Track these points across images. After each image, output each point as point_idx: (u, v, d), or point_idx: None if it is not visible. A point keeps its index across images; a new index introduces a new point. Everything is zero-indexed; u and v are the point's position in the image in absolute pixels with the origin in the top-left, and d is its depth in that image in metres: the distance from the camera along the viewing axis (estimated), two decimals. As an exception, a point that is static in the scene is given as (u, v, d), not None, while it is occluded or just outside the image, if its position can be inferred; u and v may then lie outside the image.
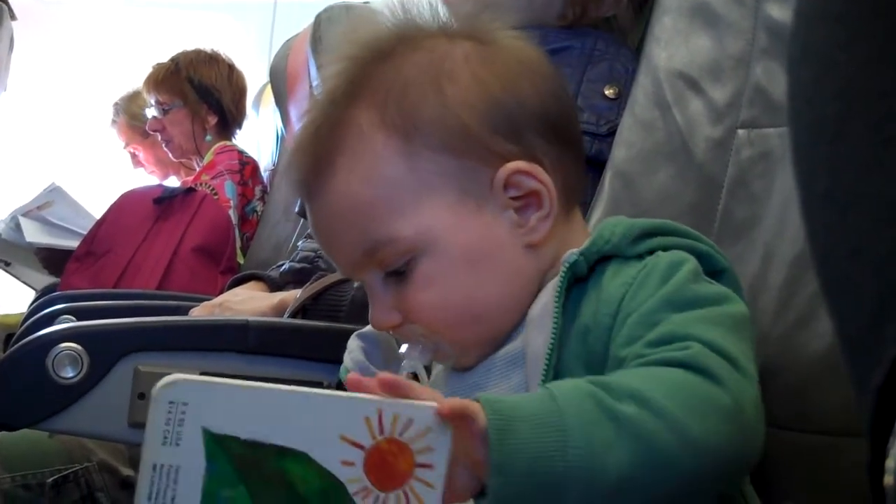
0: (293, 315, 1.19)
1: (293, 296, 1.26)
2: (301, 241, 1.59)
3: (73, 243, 2.24)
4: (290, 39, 2.29)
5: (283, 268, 1.48)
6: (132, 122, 2.80)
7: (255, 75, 2.73)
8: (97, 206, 2.34)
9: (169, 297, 1.79)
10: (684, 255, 0.61)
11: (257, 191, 2.39)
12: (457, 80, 0.65)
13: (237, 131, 2.52)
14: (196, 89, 2.44)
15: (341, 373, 0.71)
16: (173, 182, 2.65)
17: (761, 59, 0.83)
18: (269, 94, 2.48)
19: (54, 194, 2.48)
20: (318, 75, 1.69)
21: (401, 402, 0.48)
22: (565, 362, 0.60)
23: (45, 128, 3.84)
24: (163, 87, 2.44)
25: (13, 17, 2.24)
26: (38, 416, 0.88)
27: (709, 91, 0.87)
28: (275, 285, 1.45)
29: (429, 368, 0.68)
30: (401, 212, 0.63)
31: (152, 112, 2.48)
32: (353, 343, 0.72)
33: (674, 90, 0.91)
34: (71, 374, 0.87)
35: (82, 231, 2.26)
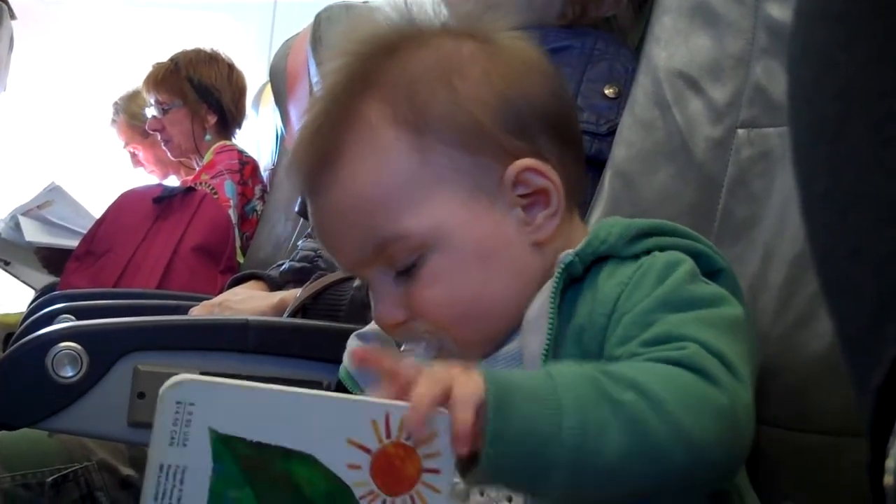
0: (293, 314, 1.18)
1: (293, 295, 1.26)
2: (301, 241, 1.59)
3: (72, 243, 2.24)
4: (289, 39, 2.30)
5: (282, 267, 1.48)
6: (132, 121, 2.80)
7: (255, 75, 2.73)
8: (97, 206, 2.34)
9: (168, 296, 1.79)
10: (681, 256, 0.61)
11: (257, 190, 2.39)
12: (467, 77, 0.64)
13: (237, 131, 2.52)
14: (196, 89, 2.43)
15: (341, 373, 0.71)
16: (173, 181, 2.64)
17: (761, 58, 0.83)
18: (268, 93, 2.48)
19: (54, 194, 2.48)
20: (318, 74, 1.69)
21: (409, 406, 0.47)
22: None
23: (45, 127, 3.84)
24: (162, 86, 2.44)
25: (13, 16, 2.24)
26: (37, 415, 0.87)
27: (709, 91, 0.87)
28: (274, 285, 1.45)
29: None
30: (412, 207, 0.62)
31: (152, 111, 2.48)
32: (353, 342, 0.72)
33: (674, 90, 0.91)
34: (70, 374, 0.87)
35: (82, 230, 2.26)
